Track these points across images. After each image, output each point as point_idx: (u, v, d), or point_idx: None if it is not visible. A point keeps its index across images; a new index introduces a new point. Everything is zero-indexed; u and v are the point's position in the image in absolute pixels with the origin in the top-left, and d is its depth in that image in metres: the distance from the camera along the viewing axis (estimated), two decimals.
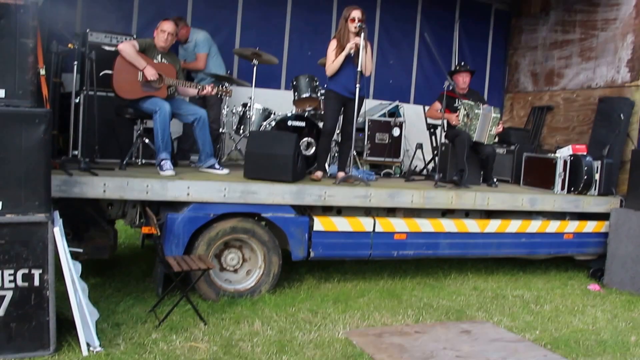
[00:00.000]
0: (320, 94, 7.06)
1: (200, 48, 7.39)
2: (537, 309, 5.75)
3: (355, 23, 5.99)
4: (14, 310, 3.74)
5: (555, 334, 5.04)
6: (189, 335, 4.33)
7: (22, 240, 3.75)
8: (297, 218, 5.58)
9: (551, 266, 7.53)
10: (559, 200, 6.93)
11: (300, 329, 4.64)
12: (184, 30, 7.29)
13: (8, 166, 3.75)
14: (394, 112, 8.63)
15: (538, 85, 9.83)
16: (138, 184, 4.98)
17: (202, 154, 5.98)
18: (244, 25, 8.63)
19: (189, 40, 7.37)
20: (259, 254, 5.46)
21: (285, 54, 8.94)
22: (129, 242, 7.51)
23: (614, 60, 8.35)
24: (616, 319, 5.58)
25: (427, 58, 9.82)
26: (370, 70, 6.34)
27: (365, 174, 6.89)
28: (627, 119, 7.81)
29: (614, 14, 8.43)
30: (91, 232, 5.13)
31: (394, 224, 5.99)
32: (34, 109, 3.84)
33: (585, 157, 7.19)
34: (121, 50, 5.65)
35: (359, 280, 6.32)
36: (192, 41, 7.39)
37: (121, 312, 4.73)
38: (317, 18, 9.04)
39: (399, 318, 5.15)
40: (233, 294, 5.32)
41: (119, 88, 5.70)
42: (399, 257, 6.12)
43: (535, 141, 9.37)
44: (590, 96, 8.70)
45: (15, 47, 3.80)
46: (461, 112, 6.97)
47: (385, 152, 8.01)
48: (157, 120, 5.64)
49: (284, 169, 5.59)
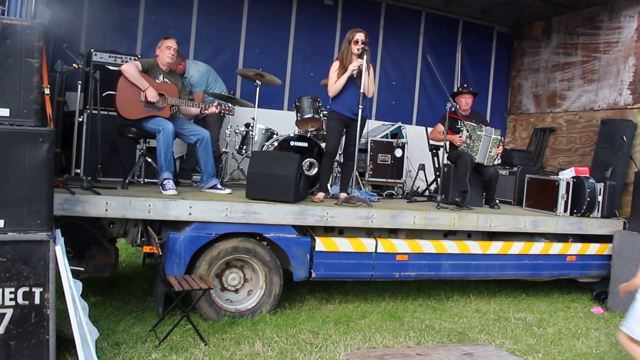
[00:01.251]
0: (322, 114, 7.08)
1: (196, 87, 7.48)
2: (539, 332, 5.71)
3: (358, 45, 6.03)
4: (14, 329, 3.72)
5: (558, 357, 5.00)
6: (189, 356, 4.30)
7: (23, 259, 3.74)
8: (299, 238, 5.57)
9: (554, 288, 7.49)
10: (562, 222, 6.90)
11: (301, 350, 4.60)
12: (181, 65, 7.37)
13: (11, 184, 3.75)
14: (397, 133, 8.66)
15: (540, 107, 9.86)
16: (140, 203, 4.98)
17: (204, 174, 5.99)
18: (247, 46, 8.71)
19: (185, 76, 7.42)
20: (261, 274, 5.45)
21: (288, 75, 9.01)
22: (129, 261, 7.50)
23: (616, 82, 8.38)
24: (620, 343, 5.53)
25: (429, 79, 9.88)
26: (372, 92, 6.37)
27: (368, 194, 6.89)
28: (629, 141, 7.82)
29: (615, 37, 8.48)
30: (92, 250, 5.13)
31: (396, 245, 5.97)
32: (38, 128, 3.85)
33: (587, 179, 7.19)
34: (124, 70, 5.69)
35: (361, 301, 6.28)
36: (187, 77, 7.46)
37: (121, 331, 4.71)
38: (320, 39, 9.12)
39: (401, 340, 5.11)
40: (234, 314, 5.29)
41: (121, 108, 5.73)
42: (400, 278, 6.10)
43: (538, 163, 9.38)
44: (593, 118, 8.72)
45: (20, 67, 3.82)
46: (464, 133, 6.99)
47: (387, 173, 8.03)
48: (160, 139, 5.67)
49: (286, 190, 5.60)
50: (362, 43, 6.03)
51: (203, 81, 7.51)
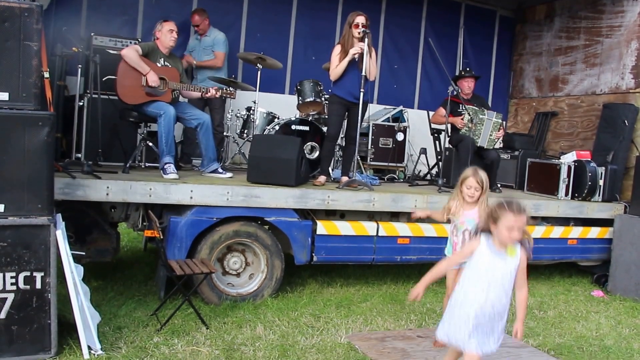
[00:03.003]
0: (324, 98, 7.06)
1: (220, 47, 7.53)
2: (540, 315, 5.73)
3: (359, 29, 6.00)
4: (15, 313, 3.74)
5: (558, 340, 5.01)
6: (190, 339, 4.32)
7: (24, 243, 3.75)
8: (300, 222, 5.57)
9: (555, 272, 7.51)
10: (563, 206, 6.90)
11: (303, 334, 4.62)
12: (206, 21, 7.46)
13: (11, 168, 3.74)
14: (398, 117, 8.63)
15: (542, 91, 9.82)
16: (141, 187, 4.98)
17: (205, 158, 5.98)
18: (249, 30, 8.65)
19: (207, 35, 7.49)
20: (262, 258, 5.46)
21: (290, 59, 8.96)
22: (131, 245, 7.52)
23: (619, 66, 8.34)
24: (620, 326, 5.56)
25: (431, 63, 9.82)
26: (374, 75, 6.35)
27: (369, 178, 6.89)
28: (631, 125, 7.80)
29: (618, 21, 8.42)
30: (94, 235, 5.14)
31: (397, 228, 5.98)
32: (38, 112, 3.83)
33: (589, 163, 7.18)
34: (124, 55, 5.65)
35: (362, 285, 6.30)
36: (210, 36, 7.52)
37: (123, 315, 4.73)
38: (321, 23, 9.05)
39: (402, 323, 5.14)
40: (235, 298, 5.31)
41: (122, 94, 5.70)
42: (402, 261, 6.11)
43: (540, 147, 9.35)
44: (595, 102, 8.69)
45: (19, 50, 3.79)
46: (465, 117, 6.96)
47: (389, 157, 8.02)
48: (162, 124, 5.65)
49: (287, 173, 5.59)
50: (362, 26, 5.99)
51: (225, 44, 7.59)
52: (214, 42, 7.51)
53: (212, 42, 7.52)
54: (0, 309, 3.71)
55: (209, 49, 7.51)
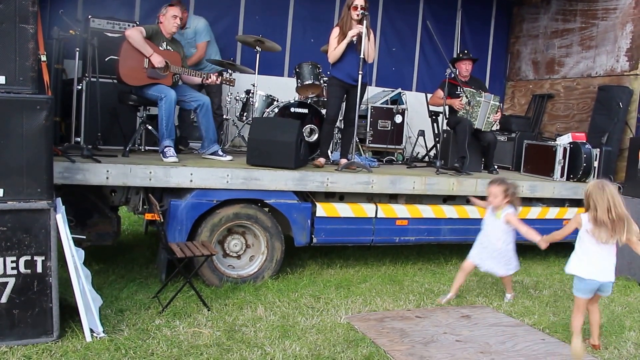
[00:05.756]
0: (323, 81, 7.06)
1: (201, 37, 7.39)
2: (536, 294, 5.79)
3: (357, 11, 6.00)
4: (16, 297, 3.75)
5: (553, 318, 5.08)
6: (192, 321, 4.36)
7: (24, 227, 3.75)
8: (300, 204, 5.60)
9: (550, 252, 7.54)
10: (559, 187, 6.94)
11: (303, 314, 4.67)
12: (185, 14, 7.29)
13: (9, 153, 3.72)
14: (397, 99, 8.64)
15: (539, 73, 9.83)
16: (141, 170, 4.99)
17: (205, 140, 5.99)
18: (247, 12, 8.61)
19: (187, 26, 7.35)
20: (262, 240, 5.49)
21: (289, 41, 8.94)
22: (132, 229, 7.55)
23: (614, 49, 8.36)
24: (612, 304, 5.62)
25: (429, 45, 9.81)
26: (373, 58, 6.36)
27: (368, 160, 6.91)
28: (625, 108, 7.84)
29: (614, 4, 8.43)
30: (94, 218, 5.15)
31: (395, 210, 6.02)
32: (35, 96, 3.80)
33: (584, 144, 7.22)
34: (128, 36, 5.61)
35: (361, 266, 6.35)
36: (190, 28, 7.37)
37: (125, 298, 4.77)
38: (320, 5, 9.02)
39: (401, 303, 5.19)
40: (236, 279, 5.35)
41: (124, 74, 5.67)
42: (400, 243, 6.16)
43: (536, 129, 9.40)
44: (590, 84, 8.72)
45: (15, 33, 3.74)
46: (463, 99, 6.98)
47: (387, 139, 8.03)
48: (162, 107, 5.64)
49: (286, 156, 5.61)
50: (361, 8, 5.99)
51: (208, 32, 7.47)
52: (195, 33, 7.39)
53: (193, 34, 7.38)
54: (2, 294, 3.72)
55: (193, 41, 7.39)
